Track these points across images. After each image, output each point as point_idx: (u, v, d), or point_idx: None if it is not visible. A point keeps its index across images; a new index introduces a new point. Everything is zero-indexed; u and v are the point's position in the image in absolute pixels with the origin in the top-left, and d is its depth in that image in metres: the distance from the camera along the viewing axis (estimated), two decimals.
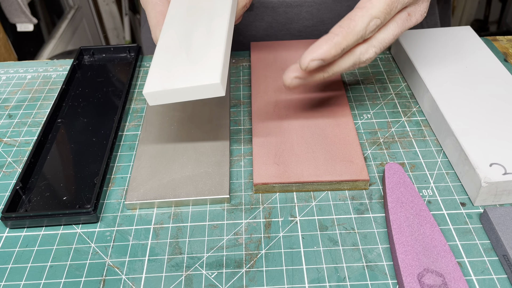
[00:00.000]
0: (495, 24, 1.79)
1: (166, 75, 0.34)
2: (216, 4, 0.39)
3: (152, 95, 0.34)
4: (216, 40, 0.36)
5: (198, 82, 0.33)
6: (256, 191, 0.38)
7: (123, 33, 1.89)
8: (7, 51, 1.20)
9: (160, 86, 0.34)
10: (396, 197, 0.35)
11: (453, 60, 0.47)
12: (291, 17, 0.58)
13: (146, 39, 0.71)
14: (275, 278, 0.32)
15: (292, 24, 0.58)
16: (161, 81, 0.34)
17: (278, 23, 0.58)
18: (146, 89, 0.34)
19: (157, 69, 0.35)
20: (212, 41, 0.36)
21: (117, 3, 1.86)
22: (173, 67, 0.35)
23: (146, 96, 0.34)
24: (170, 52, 0.36)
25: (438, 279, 0.30)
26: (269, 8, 0.57)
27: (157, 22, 0.39)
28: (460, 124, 0.39)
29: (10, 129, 0.46)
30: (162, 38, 0.37)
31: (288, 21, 0.58)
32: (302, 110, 0.44)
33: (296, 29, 0.59)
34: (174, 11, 0.39)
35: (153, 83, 0.34)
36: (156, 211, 0.37)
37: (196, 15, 0.39)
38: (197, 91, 0.34)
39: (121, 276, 0.33)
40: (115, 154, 0.42)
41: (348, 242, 0.34)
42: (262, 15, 0.58)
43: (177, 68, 0.35)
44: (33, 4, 1.48)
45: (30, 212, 0.36)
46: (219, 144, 0.41)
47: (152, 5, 0.39)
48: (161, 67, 0.35)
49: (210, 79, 0.33)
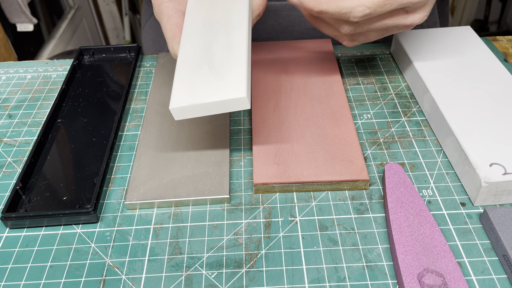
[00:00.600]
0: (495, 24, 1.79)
1: (191, 90, 0.34)
2: (233, 16, 0.39)
3: (178, 110, 0.34)
4: (237, 53, 0.36)
5: (224, 97, 0.33)
6: (256, 191, 0.38)
7: (123, 33, 1.89)
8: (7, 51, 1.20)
9: (187, 101, 0.34)
10: (396, 197, 0.35)
11: (453, 60, 0.47)
12: (294, 20, 0.58)
13: (146, 39, 0.71)
14: (275, 278, 0.32)
15: (294, 27, 0.58)
16: (187, 96, 0.34)
17: (280, 25, 0.58)
18: (173, 105, 0.34)
19: (181, 84, 0.35)
20: (233, 54, 0.36)
21: (117, 3, 1.86)
22: (197, 82, 0.35)
23: (173, 111, 0.34)
24: (191, 66, 0.36)
25: (438, 279, 0.30)
26: (272, 11, 0.57)
27: (173, 35, 0.38)
28: (460, 124, 0.39)
29: (10, 129, 0.46)
30: (182, 52, 0.37)
31: (291, 23, 0.58)
32: (302, 110, 0.44)
33: (298, 32, 0.59)
34: (190, 23, 0.39)
35: (178, 98, 0.34)
36: (156, 211, 0.37)
37: (214, 27, 0.39)
38: (223, 105, 0.34)
39: (121, 276, 0.33)
40: (115, 154, 0.42)
41: (348, 242, 0.34)
42: (265, 18, 0.58)
43: (201, 83, 0.35)
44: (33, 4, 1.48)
45: (30, 212, 0.36)
46: (219, 144, 0.41)
47: (168, 17, 0.39)
48: (184, 82, 0.35)
49: (236, 93, 0.33)
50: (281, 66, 0.50)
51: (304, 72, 0.49)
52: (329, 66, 0.50)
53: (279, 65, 0.50)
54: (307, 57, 0.51)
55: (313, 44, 0.53)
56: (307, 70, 0.49)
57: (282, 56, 0.51)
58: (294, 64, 0.50)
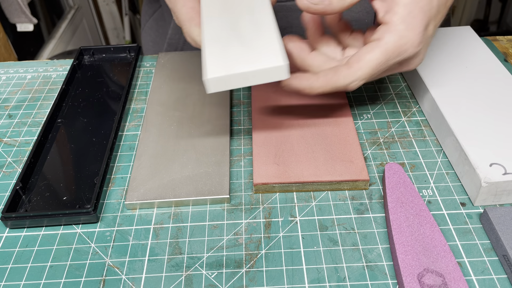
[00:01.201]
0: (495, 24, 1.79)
1: (226, 61, 0.33)
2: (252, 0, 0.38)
3: (214, 81, 0.32)
4: (267, 28, 0.35)
5: (262, 66, 0.32)
6: (256, 191, 0.38)
7: (123, 33, 1.89)
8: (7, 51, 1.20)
9: (223, 71, 0.32)
10: (396, 197, 0.35)
11: (453, 60, 0.47)
12: (291, 22, 0.58)
13: (146, 40, 0.71)
14: (275, 278, 0.32)
15: (292, 28, 0.58)
16: (223, 66, 0.32)
17: (278, 27, 0.58)
18: (209, 75, 0.32)
19: (213, 57, 0.33)
20: (262, 29, 0.35)
21: (117, 3, 1.86)
22: (230, 54, 0.33)
23: (208, 82, 0.32)
24: (221, 42, 0.34)
25: (438, 279, 0.30)
26: None
27: (190, 17, 0.37)
28: (460, 124, 0.39)
29: (10, 129, 0.46)
30: (206, 31, 0.36)
31: (289, 25, 0.58)
32: (302, 110, 0.44)
33: (296, 33, 0.59)
34: (209, 7, 0.38)
35: (214, 69, 0.32)
36: (156, 211, 0.37)
37: (235, 10, 0.37)
38: (261, 75, 0.33)
39: (121, 276, 0.33)
40: (115, 154, 0.42)
41: (348, 242, 0.34)
42: None
43: (235, 55, 0.33)
44: (33, 4, 1.48)
45: (30, 212, 0.36)
46: (219, 144, 0.41)
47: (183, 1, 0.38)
48: (216, 55, 0.33)
49: (275, 62, 0.32)
50: None
51: None
52: None
53: None
54: None
55: None
56: None
57: None
58: None
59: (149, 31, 0.69)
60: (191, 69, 0.51)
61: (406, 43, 0.34)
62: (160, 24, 0.67)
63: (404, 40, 0.34)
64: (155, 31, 0.68)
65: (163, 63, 0.52)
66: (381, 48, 0.35)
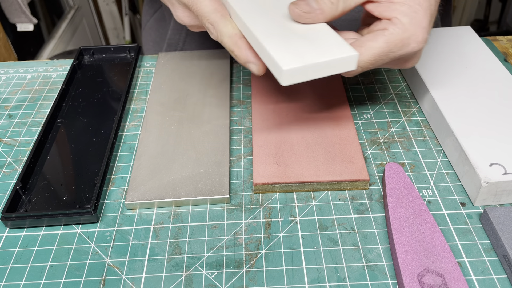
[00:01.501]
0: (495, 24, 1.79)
1: (296, 53, 0.32)
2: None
3: (290, 72, 0.31)
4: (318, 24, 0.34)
5: (336, 55, 0.32)
6: (256, 191, 0.38)
7: (123, 33, 1.89)
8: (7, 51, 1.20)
9: (299, 62, 0.31)
10: (396, 197, 0.35)
11: (453, 60, 0.47)
12: None
13: (146, 40, 0.71)
14: (275, 278, 0.32)
15: None
16: (295, 58, 0.31)
17: None
18: (286, 66, 0.31)
19: (279, 50, 0.32)
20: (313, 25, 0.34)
21: (117, 3, 1.86)
22: (296, 47, 0.32)
23: (285, 73, 0.31)
24: (277, 36, 0.33)
25: (438, 279, 0.30)
26: None
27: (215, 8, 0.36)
28: (460, 124, 0.39)
29: (10, 129, 0.46)
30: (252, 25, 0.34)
31: None
32: (302, 110, 0.44)
33: None
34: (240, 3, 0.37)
35: (288, 61, 0.31)
36: (156, 211, 0.37)
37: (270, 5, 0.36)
38: (333, 65, 0.32)
39: (121, 276, 0.33)
40: (115, 154, 0.42)
41: (348, 242, 0.34)
42: None
43: (302, 47, 0.32)
44: (33, 4, 1.48)
45: (30, 212, 0.36)
46: (219, 144, 0.41)
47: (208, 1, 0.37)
48: (281, 47, 0.32)
49: (347, 52, 0.32)
50: None
51: None
52: None
53: None
54: None
55: None
56: None
57: None
58: None
59: (149, 31, 0.69)
60: (191, 69, 0.51)
61: (410, 37, 0.34)
62: (161, 24, 0.67)
63: (408, 33, 0.34)
64: (156, 31, 0.68)
65: (163, 63, 0.52)
66: (385, 37, 0.34)
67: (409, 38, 0.34)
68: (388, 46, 0.34)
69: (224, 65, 0.51)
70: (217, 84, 0.48)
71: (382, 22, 0.35)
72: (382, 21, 0.35)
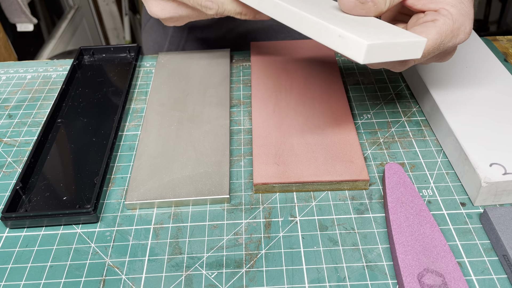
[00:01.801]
0: (495, 24, 1.79)
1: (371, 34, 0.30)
2: None
3: (372, 47, 0.29)
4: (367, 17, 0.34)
5: (409, 38, 0.31)
6: (256, 191, 0.38)
7: (123, 33, 1.89)
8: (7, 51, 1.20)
9: (381, 39, 0.29)
10: (396, 197, 0.35)
11: (453, 60, 0.47)
12: None
13: (146, 40, 0.71)
14: (275, 278, 0.32)
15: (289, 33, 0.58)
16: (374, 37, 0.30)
17: (279, 25, 0.58)
18: (370, 41, 0.29)
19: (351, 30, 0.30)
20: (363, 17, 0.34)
21: (117, 3, 1.86)
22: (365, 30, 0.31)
23: (368, 48, 0.29)
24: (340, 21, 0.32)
25: (438, 279, 0.30)
26: None
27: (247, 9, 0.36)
28: (460, 124, 0.39)
29: (10, 129, 0.46)
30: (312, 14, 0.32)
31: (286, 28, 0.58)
32: (302, 110, 0.44)
33: (297, 32, 0.59)
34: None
35: (368, 37, 0.29)
36: (156, 211, 0.37)
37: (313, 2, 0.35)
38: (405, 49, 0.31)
39: (121, 276, 0.33)
40: (115, 154, 0.42)
41: (348, 242, 0.34)
42: None
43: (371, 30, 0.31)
44: (33, 4, 1.48)
45: (30, 212, 0.36)
46: (219, 144, 0.41)
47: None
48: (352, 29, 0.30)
49: (416, 37, 0.31)
50: (281, 66, 0.50)
51: (304, 72, 0.49)
52: (329, 66, 0.50)
53: (279, 65, 0.50)
54: (307, 57, 0.51)
55: (313, 44, 0.53)
56: (307, 70, 0.49)
57: (282, 56, 0.51)
58: (294, 64, 0.50)
59: (149, 30, 0.69)
60: (191, 69, 0.51)
61: (459, 27, 0.33)
62: (161, 23, 0.67)
63: (457, 24, 0.33)
64: (156, 31, 0.68)
65: (163, 63, 0.52)
66: (437, 28, 0.33)
67: (458, 29, 0.33)
68: (440, 37, 0.33)
69: (224, 65, 0.51)
70: (217, 84, 0.48)
71: (428, 14, 0.34)
72: (428, 13, 0.34)
